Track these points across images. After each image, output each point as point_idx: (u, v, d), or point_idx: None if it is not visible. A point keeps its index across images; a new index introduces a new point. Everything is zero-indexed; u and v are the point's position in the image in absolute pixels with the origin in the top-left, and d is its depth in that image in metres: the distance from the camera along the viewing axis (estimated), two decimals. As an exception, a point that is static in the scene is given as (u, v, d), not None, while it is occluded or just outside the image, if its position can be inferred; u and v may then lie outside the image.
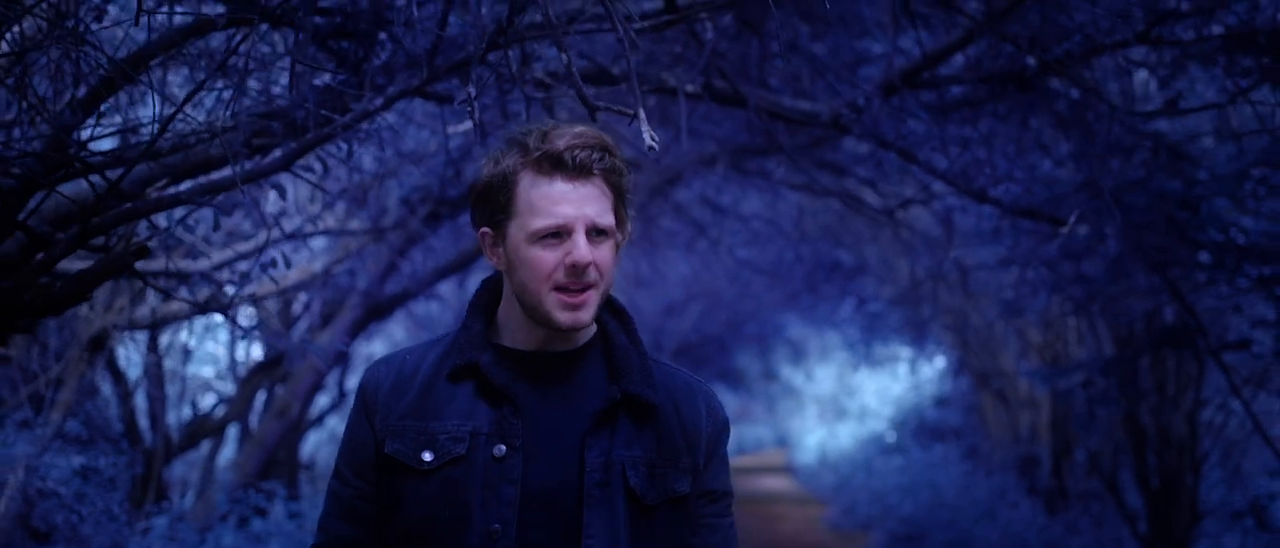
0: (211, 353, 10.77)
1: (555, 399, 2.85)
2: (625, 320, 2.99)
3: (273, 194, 4.95)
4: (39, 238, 3.53)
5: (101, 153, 3.68)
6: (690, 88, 4.47)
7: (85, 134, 3.94)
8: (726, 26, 4.79)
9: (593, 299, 2.79)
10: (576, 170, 2.73)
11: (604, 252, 2.78)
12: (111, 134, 4.05)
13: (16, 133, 3.49)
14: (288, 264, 4.53)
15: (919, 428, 20.16)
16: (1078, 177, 7.59)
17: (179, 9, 3.60)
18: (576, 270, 2.74)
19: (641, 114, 2.87)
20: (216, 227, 3.84)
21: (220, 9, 3.70)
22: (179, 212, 4.23)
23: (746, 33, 4.83)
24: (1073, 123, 6.37)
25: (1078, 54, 4.89)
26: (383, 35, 3.77)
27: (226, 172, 3.94)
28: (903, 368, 21.87)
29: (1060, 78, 5.22)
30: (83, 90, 3.52)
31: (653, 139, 2.85)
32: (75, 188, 3.91)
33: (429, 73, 3.61)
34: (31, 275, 3.41)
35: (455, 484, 2.79)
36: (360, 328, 8.18)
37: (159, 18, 3.75)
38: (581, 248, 2.72)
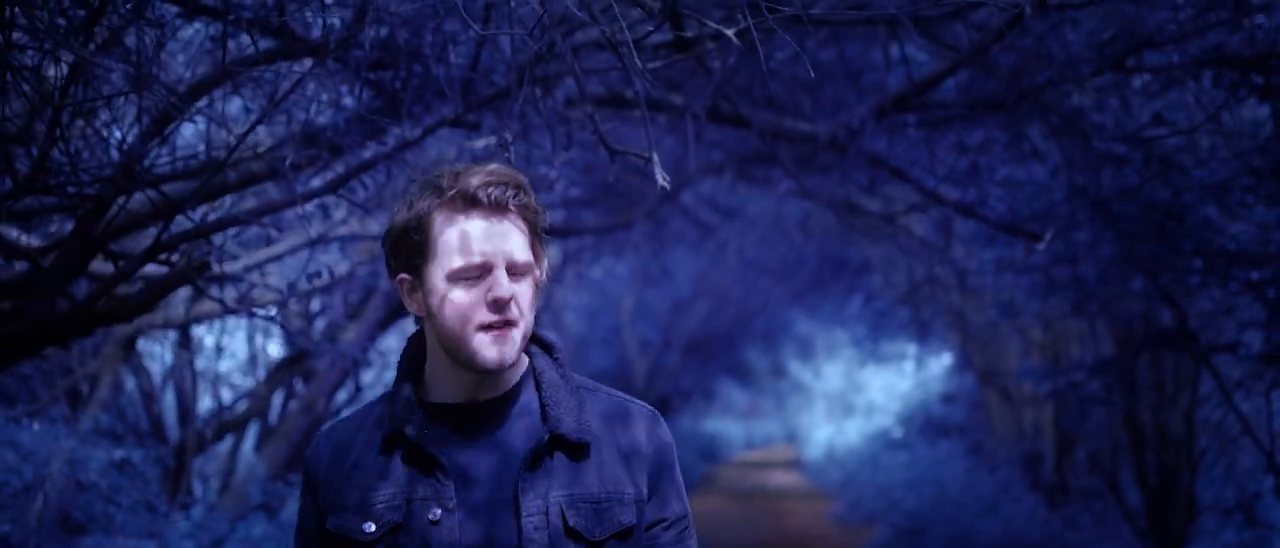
0: (233, 351, 11.18)
1: (488, 450, 2.85)
2: (552, 353, 2.98)
3: (316, 212, 5.32)
4: (113, 254, 3.95)
5: (166, 177, 4.09)
6: (697, 112, 4.87)
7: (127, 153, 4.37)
8: (731, 47, 5.15)
9: (516, 337, 2.77)
10: (492, 208, 2.72)
11: (524, 288, 2.77)
12: (178, 162, 4.43)
13: (87, 157, 3.88)
14: (331, 275, 4.92)
15: (926, 424, 20.37)
16: (1071, 184, 7.93)
17: (232, 44, 4.00)
18: (498, 306, 2.72)
19: (655, 158, 3.09)
20: (268, 242, 4.24)
21: (270, 43, 4.11)
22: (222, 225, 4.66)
23: (753, 55, 5.19)
24: (1065, 132, 6.72)
25: (1058, 81, 5.25)
26: (417, 68, 4.15)
27: (267, 190, 4.35)
28: (909, 365, 22.10)
29: (1041, 106, 5.57)
30: (146, 120, 3.93)
31: (665, 179, 3.08)
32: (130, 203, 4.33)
33: (464, 106, 4.01)
34: (109, 286, 3.83)
35: None
36: (382, 327, 8.61)
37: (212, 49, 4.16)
38: (502, 284, 2.71)
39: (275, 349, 11.55)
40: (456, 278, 2.72)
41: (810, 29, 4.49)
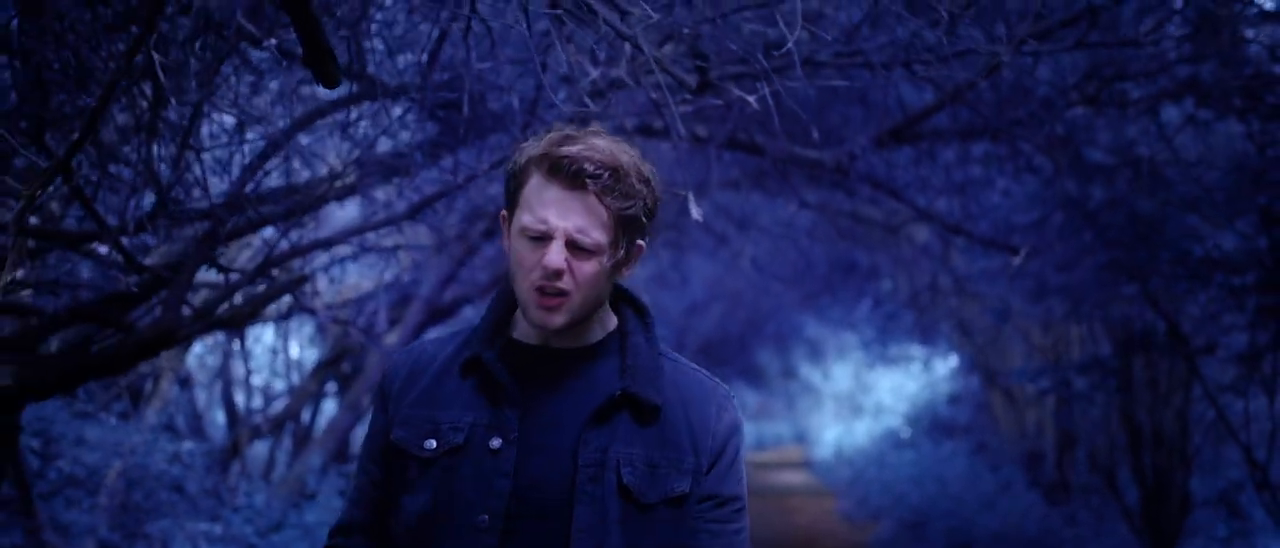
0: (274, 351, 11.89)
1: (560, 395, 2.89)
2: (644, 317, 3.04)
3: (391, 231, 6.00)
4: (224, 268, 4.69)
5: (265, 205, 4.82)
6: (719, 142, 5.59)
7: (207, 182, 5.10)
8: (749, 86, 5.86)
9: (567, 306, 2.82)
10: (571, 180, 2.76)
11: (586, 266, 2.80)
12: (277, 189, 5.16)
13: (197, 192, 4.59)
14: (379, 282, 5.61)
15: (932, 424, 20.76)
16: (1063, 195, 8.53)
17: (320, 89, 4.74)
18: (546, 274, 2.77)
19: (691, 196, 3.57)
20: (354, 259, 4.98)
21: (352, 87, 4.85)
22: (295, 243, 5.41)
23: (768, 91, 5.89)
24: (1056, 147, 7.39)
25: (1037, 115, 5.95)
26: (480, 108, 4.87)
27: (343, 209, 5.08)
28: (916, 366, 22.44)
29: (1027, 127, 6.25)
30: (251, 154, 4.67)
31: (699, 213, 3.58)
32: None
33: (523, 140, 4.72)
34: (227, 295, 4.56)
35: (452, 474, 2.84)
36: (422, 330, 9.32)
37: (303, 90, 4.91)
38: (553, 256, 2.75)
39: (308, 353, 12.24)
40: (524, 235, 2.79)
41: (816, 69, 5.18)
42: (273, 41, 2.38)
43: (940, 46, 4.93)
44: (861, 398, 27.97)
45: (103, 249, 4.88)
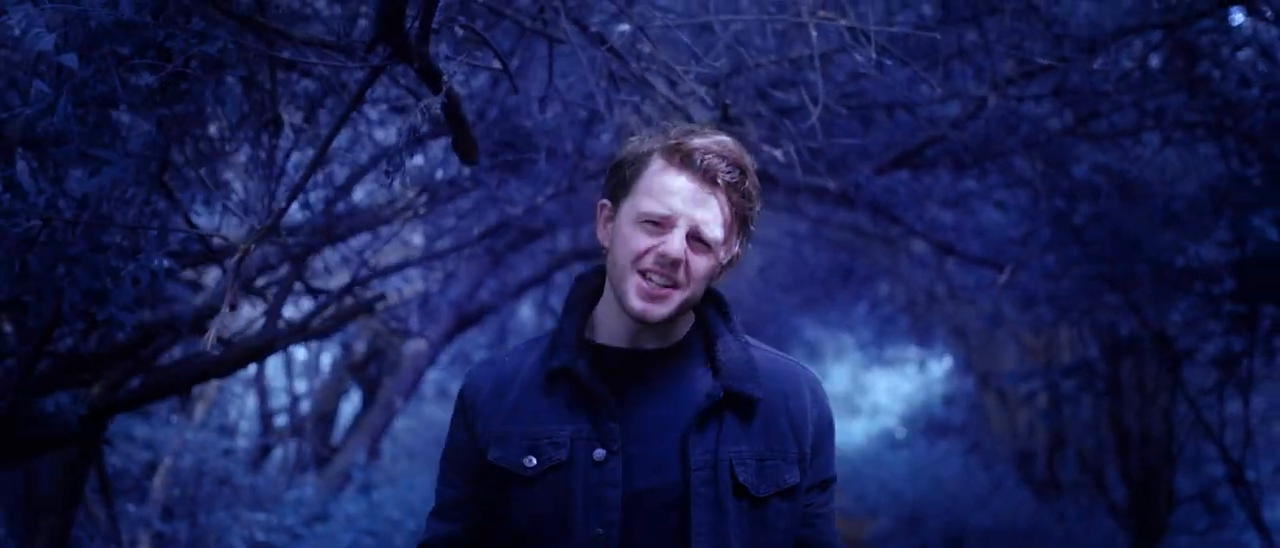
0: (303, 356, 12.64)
1: (655, 398, 2.89)
2: (725, 311, 3.03)
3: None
4: (312, 289, 5.47)
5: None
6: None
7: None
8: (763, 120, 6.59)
9: (674, 299, 2.83)
10: (701, 173, 2.79)
11: (701, 260, 2.82)
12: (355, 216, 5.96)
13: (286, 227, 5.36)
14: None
15: (928, 425, 21.10)
16: (1051, 209, 9.17)
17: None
18: (663, 262, 2.78)
19: None
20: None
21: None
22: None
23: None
24: (1043, 170, 8.10)
25: (1024, 143, 6.72)
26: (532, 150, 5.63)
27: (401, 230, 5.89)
28: (912, 368, 22.67)
29: (1009, 164, 6.99)
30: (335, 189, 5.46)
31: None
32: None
33: (570, 183, 5.53)
34: (319, 311, 5.34)
35: (558, 489, 2.84)
36: (451, 336, 10.08)
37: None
38: (674, 243, 2.78)
39: (326, 357, 12.95)
40: (641, 220, 2.81)
41: (827, 109, 5.93)
42: (425, 107, 3.00)
43: (934, 88, 5.69)
44: (858, 399, 28.30)
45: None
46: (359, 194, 6.13)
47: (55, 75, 3.06)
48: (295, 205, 5.34)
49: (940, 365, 21.79)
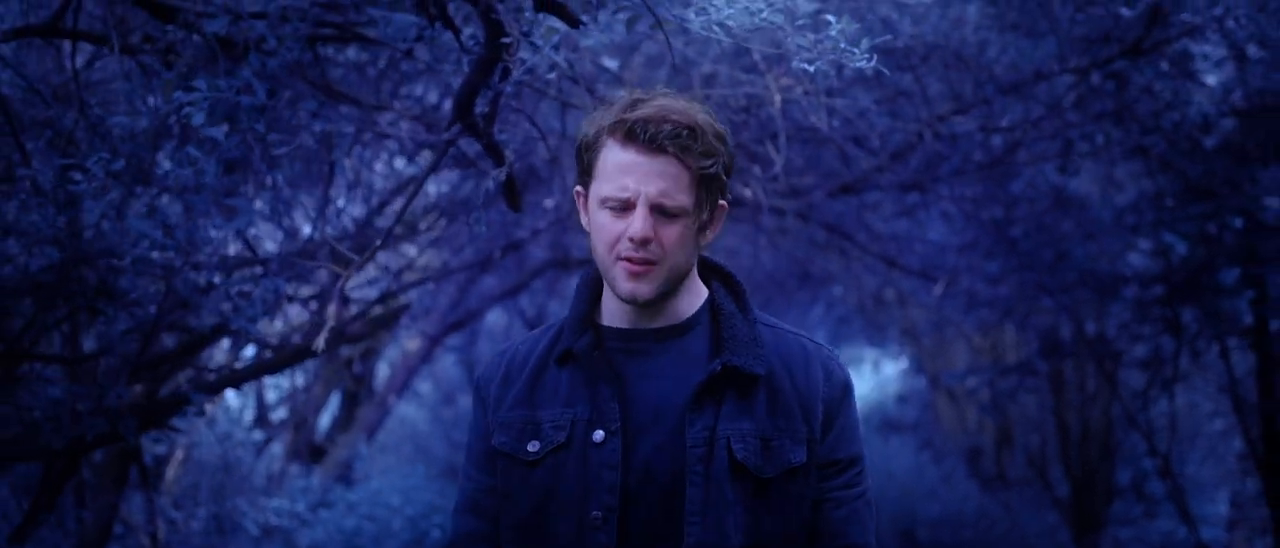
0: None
1: (657, 378, 2.86)
2: (734, 288, 2.98)
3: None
4: (346, 299, 6.57)
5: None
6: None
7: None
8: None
9: (656, 274, 2.79)
10: (648, 143, 2.72)
11: (672, 230, 2.77)
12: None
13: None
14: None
15: (882, 422, 21.41)
16: (991, 219, 10.16)
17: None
18: (633, 245, 2.75)
19: None
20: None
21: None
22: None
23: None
24: (983, 179, 9.14)
25: (958, 171, 7.85)
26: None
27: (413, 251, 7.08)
28: (867, 367, 23.08)
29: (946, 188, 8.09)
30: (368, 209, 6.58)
31: None
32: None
33: (570, 211, 6.69)
34: (356, 320, 6.43)
35: (559, 472, 2.83)
36: (438, 341, 11.17)
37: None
38: (638, 223, 2.73)
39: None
40: (604, 205, 2.78)
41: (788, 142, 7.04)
42: (495, 176, 4.02)
43: (880, 122, 6.84)
44: (814, 397, 28.93)
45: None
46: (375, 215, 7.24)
47: (204, 143, 4.16)
48: (330, 225, 6.44)
49: (895, 365, 22.48)
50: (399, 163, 6.65)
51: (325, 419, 13.05)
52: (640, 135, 2.74)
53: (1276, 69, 6.75)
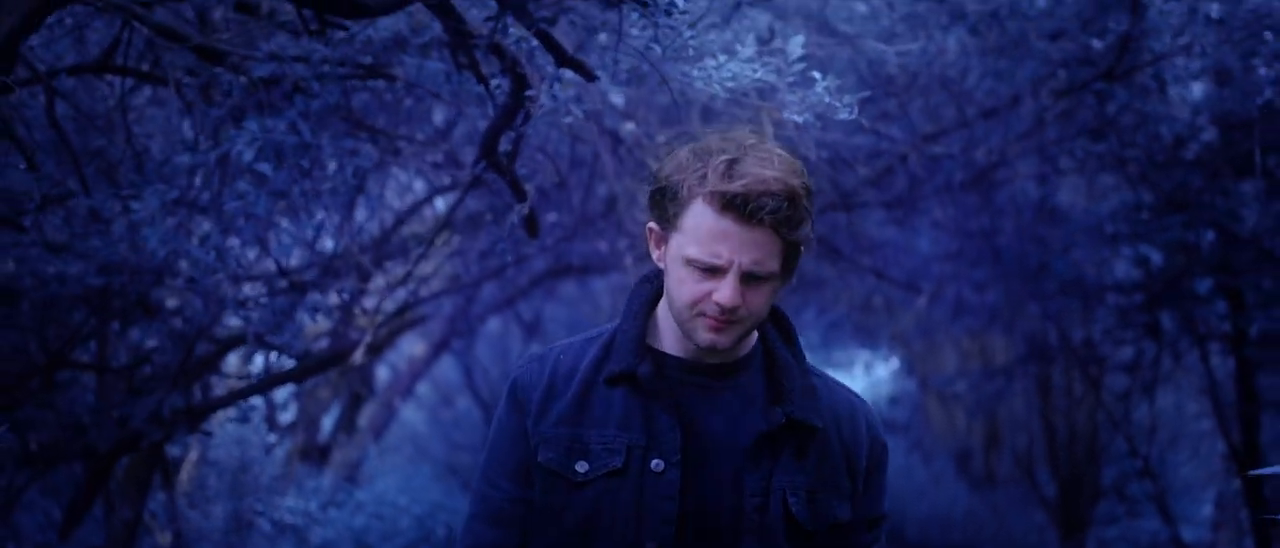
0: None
1: (714, 413, 2.84)
2: (787, 331, 2.95)
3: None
4: (365, 311, 7.11)
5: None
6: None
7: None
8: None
9: (738, 330, 2.76)
10: (747, 217, 2.66)
11: (759, 294, 2.73)
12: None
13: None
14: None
15: None
16: (978, 229, 10.59)
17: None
18: (721, 311, 2.71)
19: None
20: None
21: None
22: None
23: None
24: (971, 191, 9.60)
25: (942, 189, 8.36)
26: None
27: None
28: (859, 369, 23.18)
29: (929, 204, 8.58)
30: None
31: None
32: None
33: (575, 229, 7.24)
34: (375, 328, 6.97)
35: (611, 497, 2.78)
36: (444, 346, 11.68)
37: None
38: (728, 291, 2.69)
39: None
40: (691, 263, 2.72)
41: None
42: (519, 212, 4.53)
43: (866, 145, 7.36)
44: (807, 399, 29.24)
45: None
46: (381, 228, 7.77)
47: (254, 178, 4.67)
48: (349, 239, 6.95)
49: (886, 367, 22.79)
50: (418, 185, 7.16)
51: (326, 421, 13.49)
52: (739, 208, 2.69)
53: (1243, 93, 7.12)
